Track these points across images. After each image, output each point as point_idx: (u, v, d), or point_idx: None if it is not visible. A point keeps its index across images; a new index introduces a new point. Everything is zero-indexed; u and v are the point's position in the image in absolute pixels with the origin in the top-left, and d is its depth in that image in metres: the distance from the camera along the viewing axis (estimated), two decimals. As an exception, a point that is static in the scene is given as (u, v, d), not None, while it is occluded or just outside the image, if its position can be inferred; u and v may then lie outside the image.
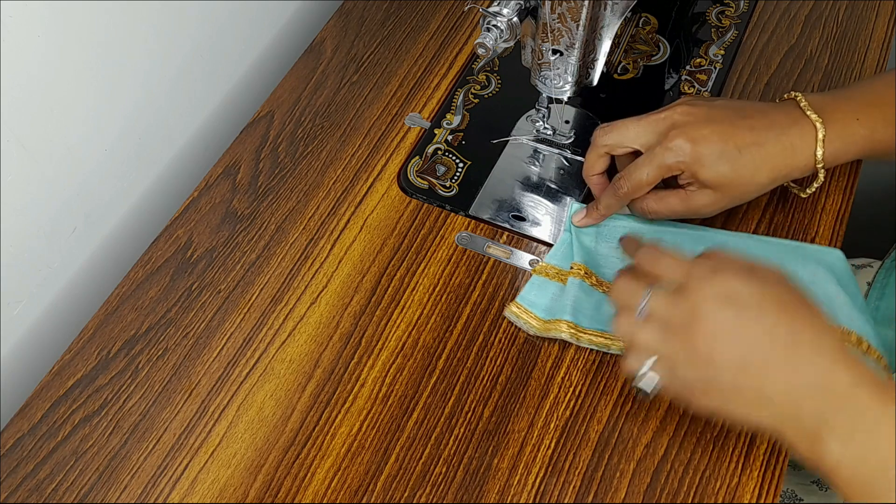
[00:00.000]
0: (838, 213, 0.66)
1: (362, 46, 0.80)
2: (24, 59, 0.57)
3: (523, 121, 0.73)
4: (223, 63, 0.78)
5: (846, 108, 0.60)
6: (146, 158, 0.73)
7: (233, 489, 0.56)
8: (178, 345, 0.62)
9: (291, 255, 0.66)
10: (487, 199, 0.68)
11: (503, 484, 0.55)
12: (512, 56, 0.78)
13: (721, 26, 0.79)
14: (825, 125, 0.58)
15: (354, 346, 0.61)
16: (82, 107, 0.64)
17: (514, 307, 0.61)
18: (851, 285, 0.60)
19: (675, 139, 0.58)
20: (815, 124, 0.59)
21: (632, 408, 0.57)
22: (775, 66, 0.75)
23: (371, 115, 0.75)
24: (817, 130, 0.58)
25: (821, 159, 0.59)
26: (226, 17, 0.76)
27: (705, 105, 0.60)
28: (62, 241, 0.67)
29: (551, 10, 0.59)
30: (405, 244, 0.66)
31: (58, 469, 0.57)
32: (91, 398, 0.60)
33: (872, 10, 0.79)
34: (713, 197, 0.60)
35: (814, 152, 0.59)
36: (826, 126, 0.58)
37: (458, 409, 0.58)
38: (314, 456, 0.57)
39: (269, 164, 0.72)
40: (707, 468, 0.55)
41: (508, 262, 0.65)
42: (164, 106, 0.72)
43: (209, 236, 0.68)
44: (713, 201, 0.60)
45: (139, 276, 0.66)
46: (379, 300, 0.63)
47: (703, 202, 0.60)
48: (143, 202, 0.74)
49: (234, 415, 0.59)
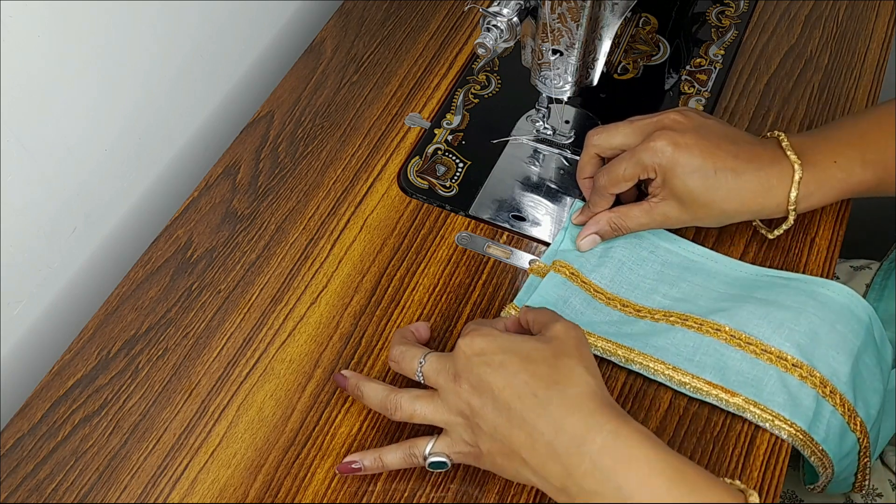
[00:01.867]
0: (838, 214, 0.66)
1: (362, 46, 0.80)
2: (24, 59, 0.57)
3: (523, 121, 0.73)
4: (223, 63, 0.78)
5: (825, 150, 0.60)
6: (146, 158, 0.73)
7: (233, 489, 0.56)
8: (178, 345, 0.62)
9: (291, 255, 0.66)
10: (487, 199, 0.69)
11: (503, 484, 0.55)
12: (512, 56, 0.78)
13: (721, 26, 0.79)
14: (803, 167, 0.58)
15: (354, 346, 0.61)
16: (82, 107, 0.64)
17: (510, 309, 0.61)
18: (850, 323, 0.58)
19: (658, 140, 0.58)
20: (793, 165, 0.59)
21: (632, 408, 0.57)
22: (775, 66, 0.75)
23: (371, 115, 0.75)
24: (794, 172, 0.58)
25: (793, 201, 0.59)
26: (226, 17, 0.76)
27: (697, 118, 0.60)
28: (62, 241, 0.67)
29: (551, 10, 0.59)
30: (405, 244, 0.66)
31: (58, 469, 0.57)
32: (91, 398, 0.60)
33: (872, 10, 0.79)
34: (677, 210, 0.60)
35: (787, 193, 0.59)
36: (804, 168, 0.58)
37: (458, 409, 0.58)
38: (314, 456, 0.57)
39: (269, 164, 0.72)
40: (707, 468, 0.55)
41: (508, 262, 0.65)
42: (164, 106, 0.73)
43: (209, 236, 0.68)
44: (677, 215, 0.60)
45: (139, 276, 0.66)
46: (379, 300, 0.63)
47: (667, 213, 0.60)
48: (143, 202, 0.74)
49: (234, 415, 0.59)
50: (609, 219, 0.62)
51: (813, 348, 0.56)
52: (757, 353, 0.56)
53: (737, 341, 0.57)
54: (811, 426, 0.54)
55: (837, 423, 0.55)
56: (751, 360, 0.56)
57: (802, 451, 0.54)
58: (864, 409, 0.57)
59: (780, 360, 0.56)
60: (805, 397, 0.55)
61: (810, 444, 0.54)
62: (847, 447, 0.56)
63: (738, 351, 0.57)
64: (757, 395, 0.55)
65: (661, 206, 0.60)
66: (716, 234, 0.64)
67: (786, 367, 0.56)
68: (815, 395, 0.55)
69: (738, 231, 0.65)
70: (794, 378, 0.55)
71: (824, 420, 0.55)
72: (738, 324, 0.57)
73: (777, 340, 0.56)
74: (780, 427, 0.54)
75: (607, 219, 0.62)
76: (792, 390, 0.55)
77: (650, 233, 0.64)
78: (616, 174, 0.60)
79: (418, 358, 0.53)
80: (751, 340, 0.57)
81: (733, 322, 0.58)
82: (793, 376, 0.55)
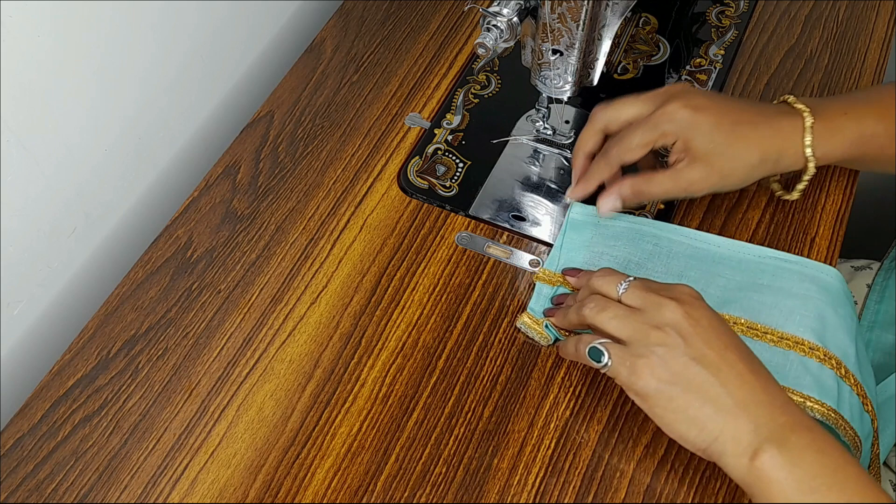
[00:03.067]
0: (838, 214, 0.66)
1: (362, 46, 0.80)
2: (24, 59, 0.57)
3: (523, 121, 0.73)
4: (223, 63, 0.78)
5: (835, 105, 0.62)
6: (146, 158, 0.73)
7: (233, 489, 0.56)
8: (178, 345, 0.62)
9: (291, 255, 0.66)
10: (487, 199, 0.68)
11: (503, 484, 0.55)
12: (512, 56, 0.78)
13: (721, 26, 0.79)
14: (813, 115, 0.60)
15: (354, 346, 0.61)
16: (82, 107, 0.64)
17: (525, 317, 0.61)
18: (846, 307, 0.60)
19: (673, 104, 0.59)
20: (802, 114, 0.60)
21: (632, 408, 0.57)
22: (775, 66, 0.75)
23: (371, 115, 0.75)
24: (804, 119, 0.60)
25: (808, 145, 0.60)
26: (226, 17, 0.76)
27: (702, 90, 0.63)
28: (62, 241, 0.67)
29: (551, 10, 0.59)
30: (405, 244, 0.66)
31: (58, 469, 0.57)
32: (91, 398, 0.60)
33: (872, 10, 0.79)
34: (703, 171, 0.60)
35: (802, 139, 0.60)
36: (814, 116, 0.60)
37: (458, 409, 0.58)
38: (314, 456, 0.57)
39: (269, 164, 0.72)
40: (707, 468, 0.55)
41: (508, 262, 0.65)
42: (164, 106, 0.73)
43: (209, 236, 0.68)
44: (704, 176, 0.60)
45: (139, 276, 0.66)
46: (379, 300, 0.63)
47: (693, 177, 0.60)
48: (143, 202, 0.74)
49: (233, 415, 0.59)
50: (633, 182, 0.61)
51: (823, 331, 0.57)
52: (775, 342, 0.57)
53: (753, 332, 0.58)
54: (839, 406, 0.55)
55: (856, 403, 0.56)
56: (770, 349, 0.57)
57: (836, 429, 0.55)
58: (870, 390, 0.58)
59: (797, 345, 0.57)
60: (827, 378, 0.56)
61: (842, 423, 0.55)
62: (866, 429, 0.57)
63: (757, 342, 0.58)
64: (783, 379, 0.56)
65: (687, 172, 0.60)
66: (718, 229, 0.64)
67: (804, 350, 0.57)
68: (835, 376, 0.56)
69: (740, 228, 0.65)
70: (813, 361, 0.56)
71: (846, 400, 0.56)
72: (753, 315, 0.59)
73: (792, 327, 0.57)
74: (811, 408, 0.55)
75: (630, 182, 0.61)
76: (814, 372, 0.56)
77: (650, 226, 0.64)
78: (630, 142, 0.60)
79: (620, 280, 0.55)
80: (767, 330, 0.58)
81: (747, 314, 0.59)
82: (812, 359, 0.56)
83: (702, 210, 0.66)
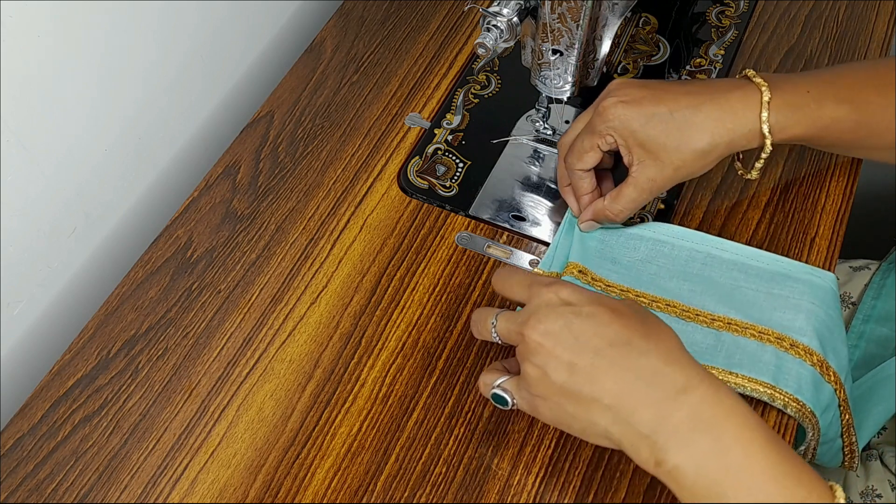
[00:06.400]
0: (838, 213, 0.66)
1: (362, 46, 0.80)
2: (24, 59, 0.57)
3: (523, 121, 0.73)
4: (223, 63, 0.78)
5: (798, 81, 0.58)
6: (146, 158, 0.73)
7: (233, 489, 0.56)
8: (178, 345, 0.62)
9: (291, 255, 0.66)
10: (487, 199, 0.69)
11: (503, 484, 0.55)
12: (512, 56, 0.78)
13: (721, 26, 0.79)
14: (771, 90, 0.56)
15: (354, 346, 0.61)
16: (82, 107, 0.64)
17: None
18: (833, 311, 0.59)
19: (605, 102, 0.58)
20: (759, 88, 0.57)
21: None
22: (775, 66, 0.75)
23: (371, 115, 0.75)
24: (762, 93, 0.56)
25: (766, 120, 0.56)
26: (226, 17, 0.76)
27: (640, 80, 0.60)
28: (62, 241, 0.67)
29: (551, 10, 0.59)
30: (405, 244, 0.66)
31: (58, 469, 0.57)
32: (91, 398, 0.60)
33: (872, 10, 0.79)
34: (655, 168, 0.58)
35: (758, 115, 0.56)
36: (772, 91, 0.56)
37: (458, 409, 0.58)
38: (314, 456, 0.57)
39: (269, 164, 0.72)
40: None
41: (508, 262, 0.65)
42: (164, 106, 0.73)
43: (209, 236, 0.68)
44: (657, 172, 0.58)
45: (139, 276, 0.66)
46: (379, 300, 0.63)
47: (649, 176, 0.58)
48: (143, 202, 0.74)
49: (234, 415, 0.59)
50: (603, 207, 0.61)
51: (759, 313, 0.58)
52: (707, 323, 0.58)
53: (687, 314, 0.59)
54: (776, 380, 0.55)
55: (808, 374, 0.55)
56: (703, 331, 0.58)
57: (772, 403, 0.55)
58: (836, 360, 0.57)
59: (730, 324, 0.58)
60: (763, 353, 0.56)
61: (782, 396, 0.55)
62: (825, 399, 0.56)
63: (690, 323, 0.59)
64: (712, 359, 0.57)
65: (641, 172, 0.58)
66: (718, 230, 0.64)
67: (738, 330, 0.57)
68: (775, 350, 0.56)
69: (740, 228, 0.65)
70: (747, 339, 0.57)
71: (791, 372, 0.55)
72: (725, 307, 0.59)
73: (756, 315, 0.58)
74: (738, 385, 0.55)
75: (602, 207, 0.61)
76: (748, 350, 0.56)
77: (646, 227, 0.64)
78: (576, 148, 0.60)
79: (490, 318, 0.53)
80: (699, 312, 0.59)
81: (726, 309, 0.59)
82: (745, 337, 0.57)
83: (701, 210, 0.66)
